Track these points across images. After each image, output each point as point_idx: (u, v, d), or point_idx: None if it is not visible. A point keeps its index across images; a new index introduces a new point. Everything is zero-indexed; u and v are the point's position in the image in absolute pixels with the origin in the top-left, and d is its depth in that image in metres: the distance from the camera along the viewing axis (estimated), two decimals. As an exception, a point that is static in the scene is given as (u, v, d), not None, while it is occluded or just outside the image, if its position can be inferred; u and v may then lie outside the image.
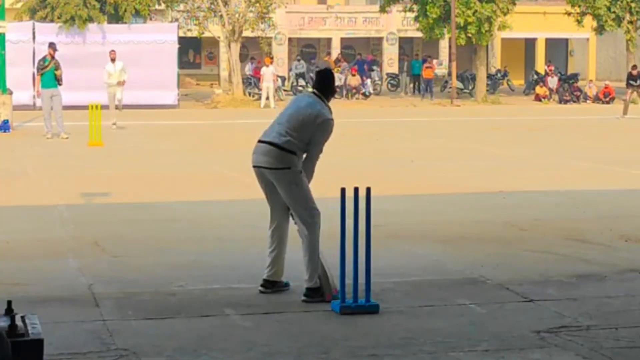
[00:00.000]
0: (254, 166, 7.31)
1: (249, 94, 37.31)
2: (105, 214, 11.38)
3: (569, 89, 40.50)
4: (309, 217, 7.13)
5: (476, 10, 37.75)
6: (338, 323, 6.58)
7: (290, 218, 7.31)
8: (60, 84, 21.46)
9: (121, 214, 11.38)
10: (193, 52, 51.62)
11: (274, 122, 7.33)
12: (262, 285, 7.35)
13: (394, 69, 48.88)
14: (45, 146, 19.82)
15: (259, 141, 7.29)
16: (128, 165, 16.63)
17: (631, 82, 31.45)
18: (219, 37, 37.48)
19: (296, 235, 7.32)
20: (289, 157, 7.11)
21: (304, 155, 7.22)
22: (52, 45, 21.97)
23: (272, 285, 7.35)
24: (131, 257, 8.83)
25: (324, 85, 7.38)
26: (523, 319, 6.66)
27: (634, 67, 32.34)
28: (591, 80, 43.42)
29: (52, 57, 21.52)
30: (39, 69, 21.67)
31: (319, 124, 7.16)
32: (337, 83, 7.90)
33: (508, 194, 12.91)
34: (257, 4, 35.68)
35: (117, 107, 24.46)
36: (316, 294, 7.08)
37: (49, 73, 21.36)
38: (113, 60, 24.71)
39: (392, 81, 46.26)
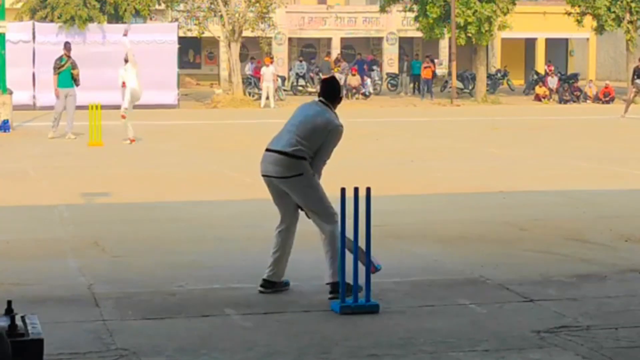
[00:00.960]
0: (263, 175, 7.33)
1: (249, 94, 37.30)
2: (105, 214, 11.38)
3: (569, 89, 40.48)
4: (329, 215, 7.19)
5: (476, 10, 37.74)
6: (338, 323, 6.58)
7: (305, 217, 7.32)
8: (77, 84, 21.37)
9: (121, 214, 11.38)
10: (193, 52, 51.61)
11: (282, 130, 7.36)
12: (261, 285, 7.36)
13: (394, 69, 48.86)
14: (45, 146, 19.81)
15: (268, 150, 7.31)
16: (128, 165, 16.62)
17: (637, 80, 30.53)
18: (219, 37, 37.47)
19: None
20: (299, 163, 7.15)
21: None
22: (66, 45, 21.89)
23: (272, 286, 7.36)
24: (131, 257, 8.83)
25: (331, 93, 7.45)
26: (523, 319, 6.66)
27: None
28: (591, 80, 43.39)
29: (68, 57, 21.47)
30: (56, 68, 21.55)
31: (330, 131, 7.24)
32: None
33: (508, 194, 12.91)
34: (257, 4, 35.67)
35: (123, 116, 20.23)
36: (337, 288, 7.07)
37: (65, 72, 21.30)
38: (127, 61, 20.87)
39: (392, 81, 46.23)
